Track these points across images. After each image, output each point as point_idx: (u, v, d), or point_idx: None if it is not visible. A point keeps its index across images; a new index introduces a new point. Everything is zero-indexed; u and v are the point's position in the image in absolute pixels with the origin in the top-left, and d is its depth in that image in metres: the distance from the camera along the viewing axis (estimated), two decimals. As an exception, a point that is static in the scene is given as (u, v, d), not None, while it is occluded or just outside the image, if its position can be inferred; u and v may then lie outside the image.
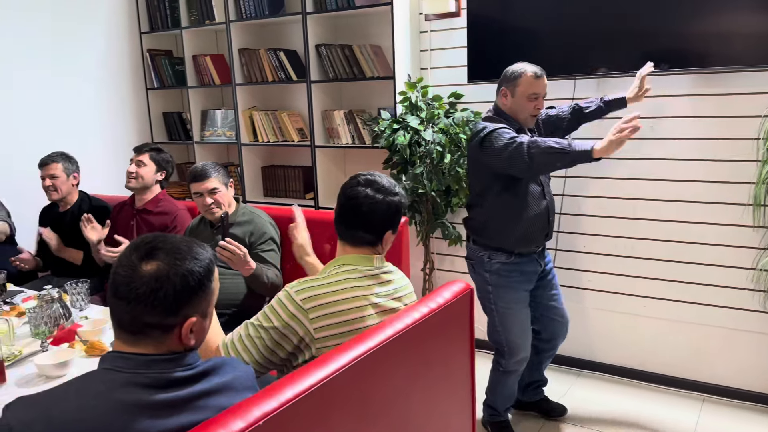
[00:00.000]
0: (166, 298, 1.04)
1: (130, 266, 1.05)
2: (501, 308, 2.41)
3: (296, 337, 1.48)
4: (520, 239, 2.36)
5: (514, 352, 2.44)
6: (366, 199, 1.58)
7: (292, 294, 1.50)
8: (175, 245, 1.08)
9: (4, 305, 2.19)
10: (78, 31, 3.60)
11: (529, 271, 2.43)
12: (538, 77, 2.29)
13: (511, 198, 2.33)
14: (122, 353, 1.06)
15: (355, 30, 3.43)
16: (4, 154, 3.29)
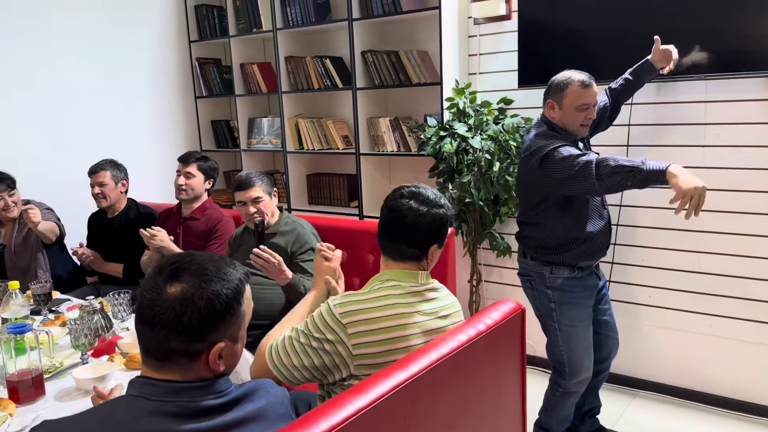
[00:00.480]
0: (191, 323, 0.98)
1: (154, 289, 1.00)
2: (565, 326, 2.28)
3: (334, 351, 1.42)
4: (584, 254, 2.23)
5: (577, 372, 2.31)
6: (410, 211, 1.51)
7: (332, 307, 1.44)
8: (202, 265, 1.02)
9: (49, 314, 2.21)
10: (129, 40, 3.66)
11: (590, 285, 2.30)
12: (587, 86, 2.14)
13: (571, 215, 2.20)
14: (150, 379, 1.00)
15: (402, 35, 3.36)
16: (56, 161, 3.36)
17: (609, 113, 2.45)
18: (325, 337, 1.42)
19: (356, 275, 2.72)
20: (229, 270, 1.04)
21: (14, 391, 1.60)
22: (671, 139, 2.68)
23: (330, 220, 2.96)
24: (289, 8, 3.48)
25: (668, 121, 2.68)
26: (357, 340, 1.41)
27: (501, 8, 2.92)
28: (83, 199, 3.14)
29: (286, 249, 2.50)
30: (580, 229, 2.20)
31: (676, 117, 2.66)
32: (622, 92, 2.44)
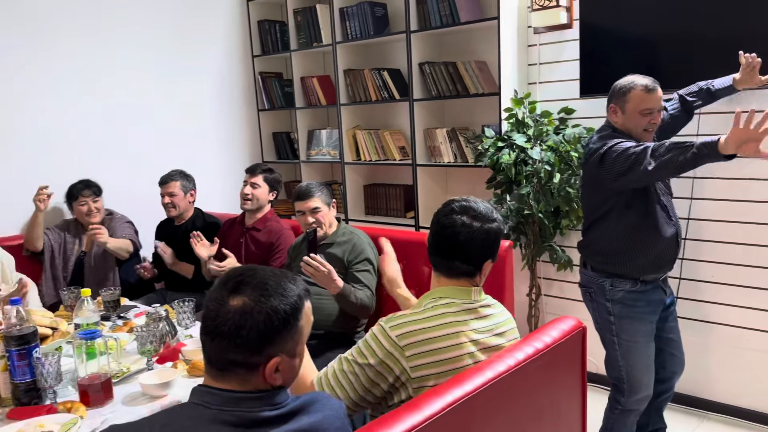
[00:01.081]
0: (249, 336, 1.00)
1: (218, 300, 1.03)
2: (624, 341, 2.20)
3: (392, 375, 1.39)
4: (648, 265, 2.15)
5: (636, 389, 2.22)
6: (463, 227, 1.47)
7: (387, 330, 1.41)
8: (263, 281, 1.04)
9: (118, 320, 2.31)
10: (196, 56, 3.81)
11: (655, 300, 2.20)
12: (651, 90, 2.07)
13: (634, 220, 2.12)
14: (210, 388, 1.03)
15: (459, 46, 3.35)
16: (127, 171, 3.52)
17: (680, 122, 2.36)
18: (380, 361, 1.39)
19: (412, 287, 2.68)
20: (290, 286, 1.06)
21: (85, 394, 1.67)
22: (744, 150, 2.55)
23: (386, 231, 2.96)
24: (349, 22, 3.54)
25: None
26: (415, 362, 1.38)
27: (562, 17, 2.87)
28: (154, 208, 3.27)
29: (343, 259, 2.53)
30: (645, 233, 2.12)
31: (750, 126, 2.53)
32: (695, 104, 2.35)
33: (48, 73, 3.21)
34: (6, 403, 1.70)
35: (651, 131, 2.14)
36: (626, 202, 2.12)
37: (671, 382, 2.36)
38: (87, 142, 3.37)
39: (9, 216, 3.11)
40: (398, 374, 1.39)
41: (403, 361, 1.38)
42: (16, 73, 3.10)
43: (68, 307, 2.35)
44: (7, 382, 1.69)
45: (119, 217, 3.24)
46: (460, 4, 3.05)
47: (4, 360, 1.68)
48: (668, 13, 2.56)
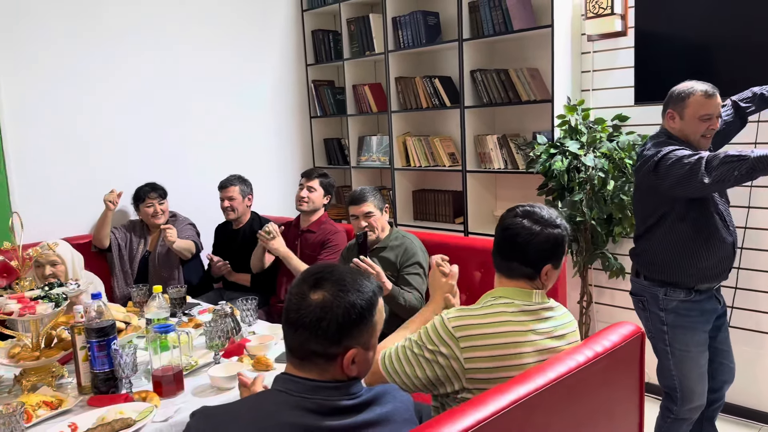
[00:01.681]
0: (329, 328, 1.07)
1: (300, 294, 1.10)
2: (678, 351, 2.18)
3: (446, 364, 1.45)
4: (703, 275, 2.13)
5: (689, 399, 2.20)
6: (523, 230, 1.53)
7: (446, 321, 1.48)
8: (341, 277, 1.11)
9: (183, 316, 2.42)
10: (253, 66, 3.94)
11: (709, 309, 2.18)
12: (710, 96, 2.06)
13: (688, 229, 2.11)
14: (292, 376, 1.10)
15: (512, 54, 3.38)
16: (189, 175, 3.67)
17: (732, 128, 2.33)
18: (438, 350, 1.46)
19: (462, 291, 2.74)
20: (365, 283, 1.12)
21: (158, 384, 1.78)
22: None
23: (437, 236, 3.01)
24: (401, 31, 3.61)
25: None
26: (469, 354, 1.44)
27: (617, 25, 2.87)
28: (213, 211, 3.41)
29: (395, 263, 2.60)
30: (700, 243, 2.10)
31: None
32: (749, 110, 2.32)
33: (119, 84, 3.39)
34: (86, 391, 1.82)
35: (709, 137, 2.13)
36: (680, 211, 2.11)
37: (722, 391, 2.33)
38: (152, 148, 3.53)
39: (79, 216, 3.28)
40: (452, 363, 1.45)
41: (458, 352, 1.44)
42: (90, 83, 3.29)
43: (137, 303, 2.47)
44: (87, 372, 1.81)
45: (182, 219, 3.38)
46: (514, 12, 3.09)
47: (85, 351, 1.80)
48: (723, 20, 2.54)
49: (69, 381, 1.90)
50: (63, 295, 1.81)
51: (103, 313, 1.83)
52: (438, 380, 1.48)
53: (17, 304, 1.74)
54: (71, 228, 3.23)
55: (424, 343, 1.49)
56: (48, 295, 1.79)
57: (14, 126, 3.06)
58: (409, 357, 1.49)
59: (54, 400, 1.71)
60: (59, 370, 1.89)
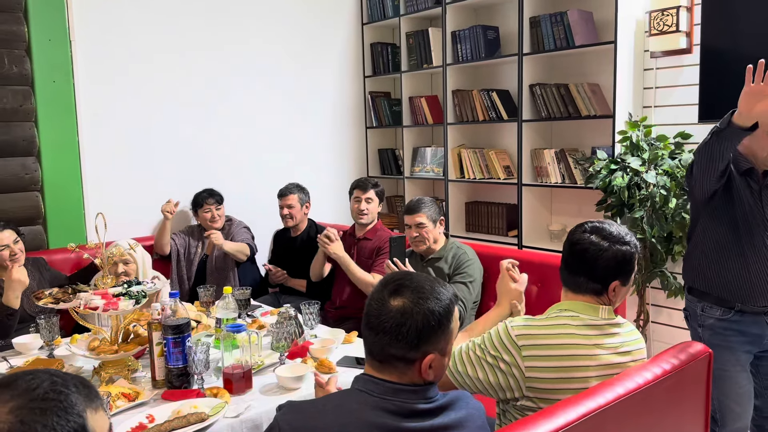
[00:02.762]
0: (409, 333, 1.12)
1: (380, 300, 1.15)
2: (714, 369, 2.14)
3: (507, 370, 1.47)
4: (737, 290, 2.08)
5: (729, 420, 2.15)
6: (591, 245, 1.53)
7: (510, 329, 1.50)
8: (420, 284, 1.16)
9: (247, 318, 2.51)
10: (313, 75, 4.06)
11: (752, 333, 2.12)
12: None
13: (725, 234, 2.08)
14: (372, 377, 1.15)
15: (572, 68, 3.38)
16: (248, 182, 3.79)
17: None
18: (500, 356, 1.48)
19: (518, 304, 2.76)
20: (442, 291, 1.17)
21: (229, 382, 1.85)
22: None
23: (492, 249, 3.03)
24: (460, 45, 3.65)
25: None
26: (530, 363, 1.45)
27: (682, 42, 2.85)
28: (271, 217, 3.51)
29: (448, 273, 2.66)
30: (735, 250, 2.06)
31: None
32: None
33: (185, 94, 3.55)
34: (160, 385, 1.91)
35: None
36: (711, 215, 2.10)
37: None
38: (215, 155, 3.68)
39: (142, 219, 3.44)
40: (513, 371, 1.46)
41: (519, 360, 1.46)
42: (158, 93, 3.46)
43: (204, 303, 2.58)
44: (162, 367, 1.90)
45: (237, 223, 3.50)
46: (576, 28, 3.09)
47: (161, 346, 1.89)
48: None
49: (143, 375, 2.00)
50: (143, 293, 1.91)
51: (177, 311, 1.93)
52: (499, 385, 1.50)
53: (101, 299, 1.85)
54: (137, 229, 3.38)
55: (487, 348, 1.51)
56: (129, 293, 1.89)
57: (90, 132, 3.25)
58: (473, 360, 1.52)
59: (131, 392, 1.80)
60: (135, 364, 1.99)
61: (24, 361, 2.02)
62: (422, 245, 2.73)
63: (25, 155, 3.06)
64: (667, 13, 2.87)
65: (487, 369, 1.50)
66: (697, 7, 2.84)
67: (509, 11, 3.58)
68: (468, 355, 1.54)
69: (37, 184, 3.09)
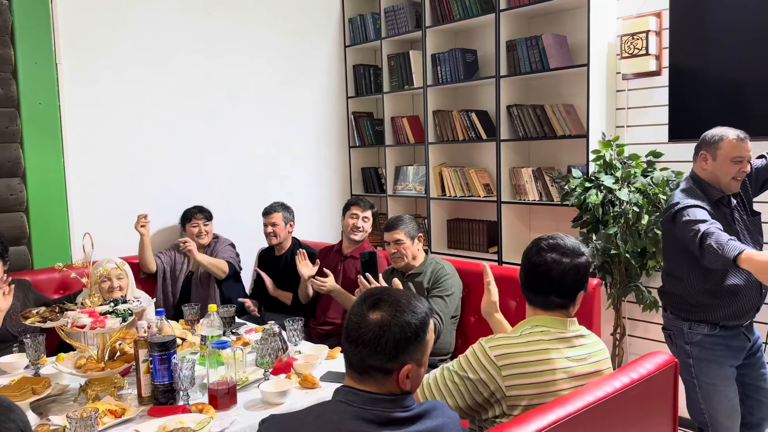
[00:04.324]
0: (387, 344, 1.18)
1: (360, 314, 1.22)
2: (704, 384, 2.23)
3: (487, 391, 1.52)
4: (727, 315, 2.19)
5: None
6: (554, 264, 1.57)
7: (487, 349, 1.54)
8: (397, 298, 1.23)
9: (231, 335, 2.55)
10: (297, 96, 4.13)
11: (735, 346, 2.23)
12: (742, 140, 2.17)
13: (710, 272, 2.18)
14: (352, 388, 1.21)
15: (548, 90, 3.50)
16: (233, 200, 3.84)
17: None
18: (479, 377, 1.52)
19: (498, 319, 2.83)
20: (418, 304, 1.23)
21: (214, 398, 1.89)
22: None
23: (472, 265, 3.10)
24: (440, 67, 3.76)
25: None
26: (511, 382, 1.51)
27: (651, 65, 2.97)
28: (256, 236, 3.56)
29: (427, 287, 2.73)
30: (722, 285, 2.17)
31: None
32: None
33: (171, 113, 3.60)
34: (146, 401, 1.94)
35: (739, 180, 2.20)
36: None
37: (760, 428, 2.34)
38: (198, 175, 3.72)
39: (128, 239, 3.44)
40: (493, 390, 1.51)
41: (499, 380, 1.51)
42: (144, 111, 3.51)
43: (189, 321, 2.61)
44: (148, 384, 1.93)
45: (223, 240, 3.54)
46: (550, 51, 3.21)
47: (147, 364, 1.93)
48: (757, 59, 2.61)
49: (129, 392, 2.03)
50: (129, 311, 1.95)
51: (163, 328, 1.97)
52: (479, 406, 1.54)
53: (89, 318, 1.89)
54: (123, 249, 3.40)
55: (465, 371, 1.54)
56: (115, 311, 1.93)
57: (75, 149, 3.28)
58: (450, 388, 1.55)
59: (118, 409, 1.83)
60: (121, 381, 2.03)
61: (10, 380, 2.04)
62: (401, 261, 2.80)
63: (11, 176, 3.09)
64: (637, 37, 2.99)
65: (465, 393, 1.53)
66: (665, 32, 2.96)
67: (487, 35, 3.70)
68: (446, 385, 1.56)
69: (22, 205, 3.12)
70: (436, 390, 1.57)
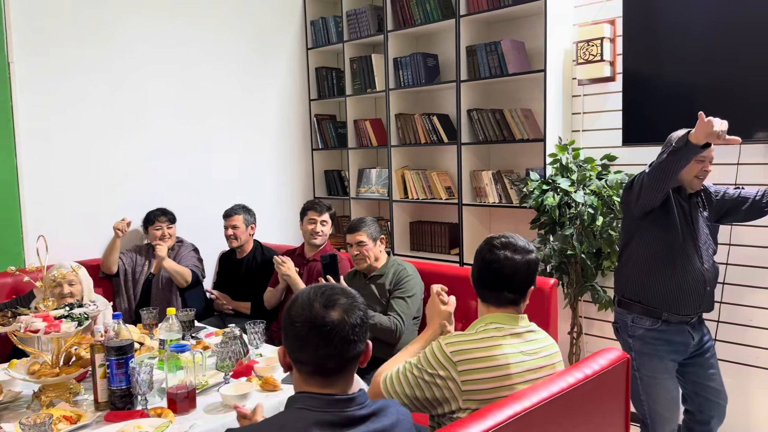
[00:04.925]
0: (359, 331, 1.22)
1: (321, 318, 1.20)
2: (645, 376, 2.32)
3: (444, 386, 1.56)
4: (665, 299, 2.27)
5: (659, 425, 2.32)
6: (507, 261, 1.65)
7: (444, 346, 1.60)
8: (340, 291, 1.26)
9: (191, 339, 2.52)
10: (259, 98, 4.11)
11: (676, 341, 2.31)
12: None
13: (656, 248, 2.27)
14: (312, 393, 1.21)
15: (506, 95, 3.57)
16: (194, 204, 3.79)
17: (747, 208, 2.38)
18: (437, 373, 1.57)
19: (459, 319, 2.86)
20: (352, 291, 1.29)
21: (173, 402, 1.87)
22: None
23: (434, 266, 3.14)
24: (402, 71, 3.80)
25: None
26: (466, 377, 1.55)
27: (606, 71, 3.06)
28: (217, 238, 3.53)
29: (389, 289, 2.77)
30: (663, 263, 2.26)
31: (788, 177, 2.66)
32: None
33: (130, 113, 3.53)
34: (102, 407, 1.90)
35: (701, 179, 2.29)
36: (651, 231, 2.28)
37: (707, 426, 2.43)
38: (161, 176, 3.67)
39: (88, 240, 3.39)
40: (450, 386, 1.56)
41: (456, 375, 1.55)
42: (103, 111, 3.43)
43: (147, 325, 2.57)
44: (104, 389, 1.90)
45: (187, 244, 3.49)
46: (509, 57, 3.28)
47: (104, 368, 1.89)
48: (707, 67, 2.72)
49: (85, 398, 1.99)
50: (85, 315, 1.92)
51: (120, 332, 1.94)
52: (436, 400, 1.59)
53: (43, 322, 1.84)
54: (79, 251, 3.32)
55: (423, 367, 1.60)
56: (71, 315, 1.89)
57: (29, 149, 3.19)
58: (410, 379, 1.61)
59: (73, 415, 1.80)
60: (76, 387, 1.98)
61: (-41, 387, 1.98)
62: (363, 263, 2.82)
63: (-40, 178, 2.99)
64: (592, 44, 3.08)
65: (424, 387, 1.58)
66: (619, 39, 3.06)
67: (447, 40, 3.75)
68: (405, 375, 1.62)
69: (-27, 208, 3.03)
70: (397, 382, 1.62)
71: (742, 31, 2.60)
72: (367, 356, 1.27)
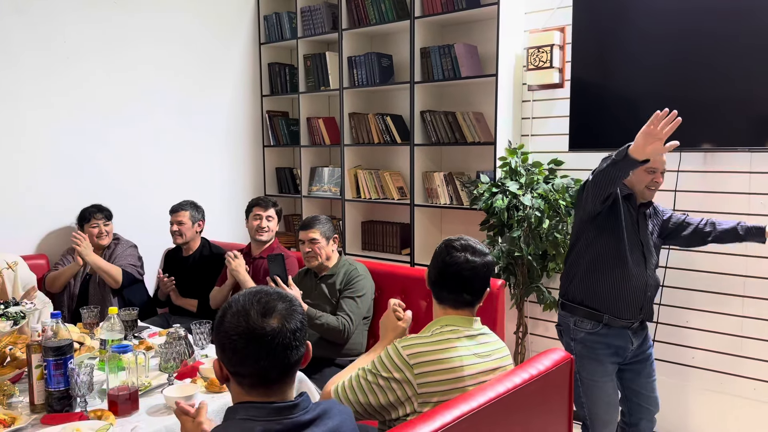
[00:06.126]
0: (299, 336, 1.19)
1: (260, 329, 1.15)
2: (585, 379, 2.39)
3: (400, 389, 1.57)
4: (608, 302, 2.33)
5: (598, 426, 2.39)
6: (467, 263, 1.67)
7: (399, 349, 1.60)
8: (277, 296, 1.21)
9: (134, 339, 2.45)
10: (208, 92, 4.02)
11: (616, 345, 2.37)
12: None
13: (600, 251, 2.34)
14: (254, 403, 1.17)
15: (459, 98, 3.61)
16: (139, 199, 3.68)
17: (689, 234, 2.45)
18: (392, 376, 1.57)
19: (409, 319, 2.89)
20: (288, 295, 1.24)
21: (114, 404, 1.81)
22: (716, 207, 2.80)
23: (385, 266, 3.15)
24: (356, 70, 3.79)
25: (714, 189, 2.81)
26: (422, 380, 1.56)
27: (554, 77, 3.14)
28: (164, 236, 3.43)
29: (339, 288, 2.77)
30: (607, 270, 2.32)
31: (722, 186, 2.79)
32: (721, 235, 2.42)
33: (70, 105, 3.40)
34: (39, 409, 1.83)
35: (653, 190, 2.36)
36: (596, 232, 2.35)
37: (636, 428, 2.51)
38: (102, 170, 3.54)
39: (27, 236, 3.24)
40: (406, 389, 1.56)
41: (412, 378, 1.56)
42: (39, 102, 3.29)
43: (87, 324, 2.48)
44: (41, 390, 1.82)
45: (124, 242, 3.36)
46: (462, 60, 3.32)
47: (41, 369, 1.82)
48: (654, 75, 2.82)
49: (20, 400, 1.90)
50: (21, 314, 1.83)
51: (59, 332, 1.86)
52: (391, 405, 1.59)
53: (-26, 321, 1.75)
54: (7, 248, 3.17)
55: (378, 371, 1.59)
56: (6, 313, 1.81)
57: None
58: (363, 386, 1.60)
59: (7, 418, 1.72)
60: (11, 388, 1.90)
61: None
62: (315, 261, 2.80)
63: None
64: (542, 50, 3.16)
65: (378, 392, 1.58)
66: (568, 46, 3.15)
67: (402, 41, 3.77)
68: (359, 382, 1.60)
69: None
70: (350, 390, 1.61)
71: (688, 40, 2.71)
72: (308, 357, 1.24)
